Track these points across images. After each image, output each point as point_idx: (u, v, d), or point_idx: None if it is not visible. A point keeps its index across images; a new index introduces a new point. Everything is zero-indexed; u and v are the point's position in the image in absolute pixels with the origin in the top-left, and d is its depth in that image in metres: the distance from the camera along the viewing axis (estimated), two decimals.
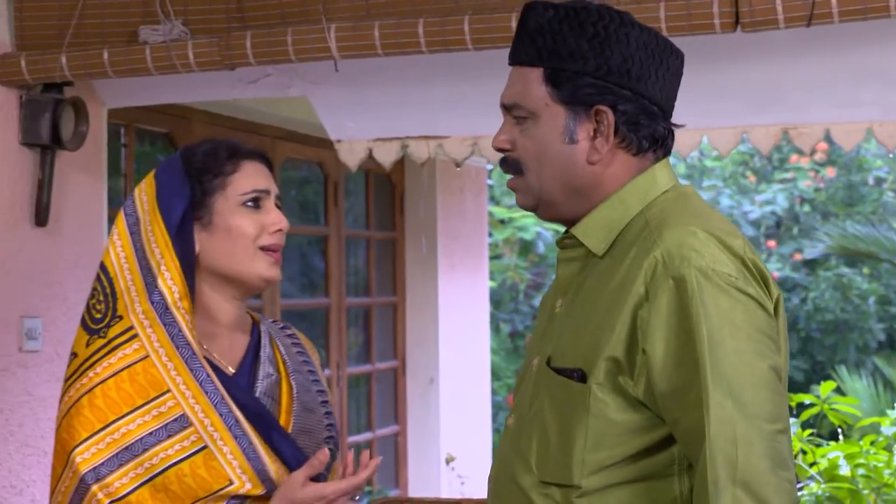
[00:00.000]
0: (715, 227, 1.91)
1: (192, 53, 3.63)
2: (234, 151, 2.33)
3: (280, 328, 2.47)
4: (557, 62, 1.95)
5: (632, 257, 1.90)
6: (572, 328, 1.95)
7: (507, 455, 1.99)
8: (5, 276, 3.89)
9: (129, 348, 2.21)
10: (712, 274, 1.84)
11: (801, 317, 12.71)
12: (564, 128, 1.96)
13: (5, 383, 3.88)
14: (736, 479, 1.78)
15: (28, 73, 3.83)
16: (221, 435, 2.18)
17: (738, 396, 1.81)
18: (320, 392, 2.40)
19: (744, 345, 1.83)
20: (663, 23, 3.20)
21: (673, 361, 1.84)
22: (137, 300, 2.22)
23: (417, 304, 6.73)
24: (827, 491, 4.38)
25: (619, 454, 1.87)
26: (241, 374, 2.30)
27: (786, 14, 3.12)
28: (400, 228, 6.74)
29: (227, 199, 2.29)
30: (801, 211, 13.17)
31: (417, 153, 4.76)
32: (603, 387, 1.87)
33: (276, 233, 2.31)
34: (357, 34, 3.47)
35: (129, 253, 2.27)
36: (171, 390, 2.19)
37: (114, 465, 2.17)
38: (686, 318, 1.83)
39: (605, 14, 1.97)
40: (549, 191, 1.98)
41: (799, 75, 3.95)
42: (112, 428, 2.18)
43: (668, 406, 1.85)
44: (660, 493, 1.88)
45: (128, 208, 2.31)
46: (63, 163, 4.08)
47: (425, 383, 6.71)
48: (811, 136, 4.43)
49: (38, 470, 4.00)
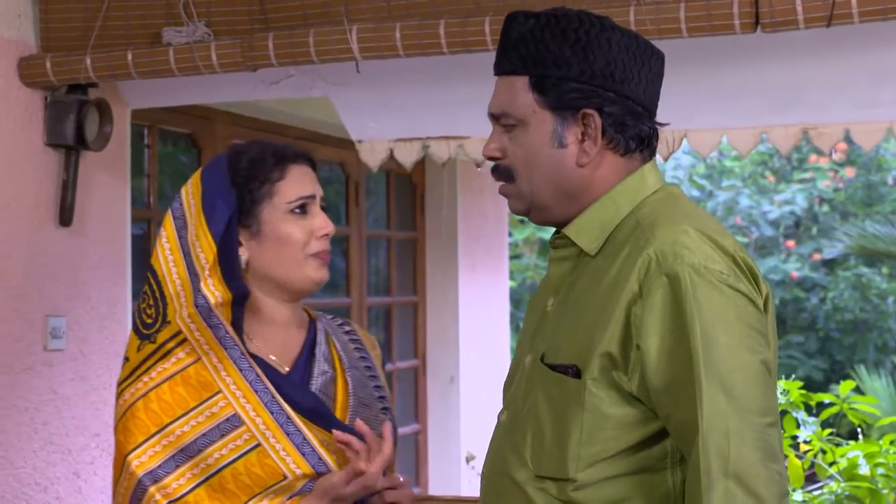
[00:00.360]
0: (706, 226, 1.95)
1: (214, 55, 3.64)
2: (281, 157, 2.33)
3: (338, 325, 2.48)
4: (542, 69, 2.00)
5: (624, 256, 1.95)
6: (566, 326, 1.99)
7: (500, 450, 2.03)
8: (30, 275, 3.91)
9: (181, 352, 2.24)
10: (705, 271, 1.89)
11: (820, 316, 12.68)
12: (553, 133, 2.01)
13: (30, 382, 3.90)
14: (728, 471, 1.82)
15: (53, 75, 3.85)
16: (273, 433, 2.20)
17: (731, 390, 1.85)
18: (377, 388, 2.42)
19: (736, 340, 1.88)
20: (683, 23, 3.20)
21: (667, 356, 1.88)
22: (185, 304, 2.25)
23: (438, 303, 6.74)
24: (846, 490, 4.36)
25: (613, 448, 1.92)
26: (295, 372, 2.32)
27: (806, 14, 3.12)
28: (421, 228, 6.75)
29: (274, 209, 2.30)
30: (821, 211, 13.14)
31: (438, 153, 4.76)
32: (597, 382, 1.92)
33: (323, 238, 2.33)
34: (379, 35, 3.48)
35: (177, 257, 2.28)
36: (222, 391, 2.22)
37: (170, 467, 2.20)
38: (680, 314, 1.87)
39: (586, 20, 2.01)
40: (540, 195, 2.03)
41: (819, 75, 3.94)
42: (167, 430, 2.21)
43: (662, 400, 1.89)
44: (653, 486, 1.93)
45: (175, 211, 2.32)
46: (87, 163, 4.10)
47: (446, 382, 6.71)
48: (831, 137, 4.41)
49: (62, 467, 4.02)
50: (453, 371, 6.70)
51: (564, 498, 1.93)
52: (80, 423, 4.09)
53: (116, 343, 4.23)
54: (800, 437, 4.57)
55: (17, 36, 3.88)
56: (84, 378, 4.11)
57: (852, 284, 12.51)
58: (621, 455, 1.92)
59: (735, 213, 13.15)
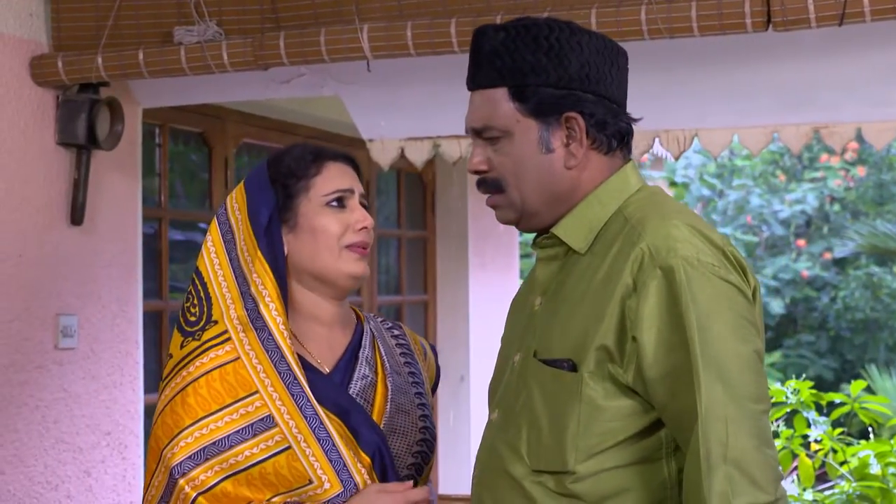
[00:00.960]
0: (694, 221, 2.01)
1: (226, 54, 3.64)
2: (318, 154, 2.37)
3: (388, 327, 2.50)
4: (520, 79, 2.04)
5: (615, 252, 1.99)
6: (558, 322, 2.03)
7: (495, 448, 2.06)
8: (41, 274, 3.91)
9: (221, 350, 2.26)
10: (698, 264, 1.94)
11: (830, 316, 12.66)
12: (539, 139, 2.05)
13: (41, 380, 3.91)
14: (727, 457, 1.87)
15: (65, 74, 3.85)
16: (305, 437, 2.22)
17: (727, 379, 1.90)
18: (418, 395, 2.42)
19: (729, 330, 1.93)
20: (694, 22, 3.19)
21: (663, 347, 1.92)
22: (233, 307, 2.28)
23: (448, 302, 6.74)
24: (858, 490, 4.36)
25: (610, 440, 1.96)
26: (336, 373, 2.33)
27: (817, 13, 3.11)
28: (431, 227, 6.75)
29: (310, 201, 2.33)
30: (831, 210, 13.12)
31: (449, 152, 4.76)
32: (594, 375, 1.96)
33: (362, 230, 2.34)
34: (390, 34, 3.47)
35: (223, 260, 2.32)
36: (259, 391, 2.23)
37: (199, 459, 2.22)
38: (675, 304, 1.92)
39: (555, 26, 2.06)
40: (531, 202, 2.07)
41: (830, 74, 3.93)
42: (201, 424, 2.23)
43: (658, 390, 1.93)
44: (650, 476, 1.97)
45: (221, 217, 2.36)
46: (98, 162, 4.11)
47: (456, 382, 6.71)
48: (842, 136, 4.41)
49: (73, 466, 4.03)
50: (463, 370, 6.70)
51: (563, 491, 1.97)
52: (91, 421, 4.10)
53: (127, 342, 4.24)
54: (811, 437, 4.56)
55: (29, 35, 3.89)
56: (95, 377, 4.12)
57: (863, 283, 12.49)
58: (618, 446, 1.96)
59: (746, 212, 13.13)
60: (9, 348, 3.79)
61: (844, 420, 4.68)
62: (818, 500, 4.43)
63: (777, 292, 12.73)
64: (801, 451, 4.50)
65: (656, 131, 4.42)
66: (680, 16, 3.21)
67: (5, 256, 3.79)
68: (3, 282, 3.78)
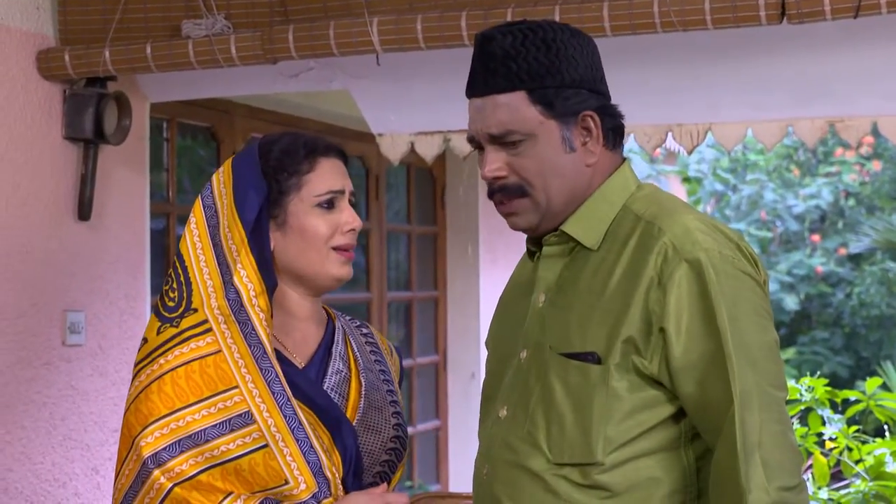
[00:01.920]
0: (705, 217, 2.10)
1: (234, 47, 3.64)
2: (312, 149, 2.35)
3: (356, 326, 2.50)
4: (538, 81, 2.08)
5: (633, 247, 2.06)
6: (576, 317, 2.07)
7: (509, 444, 2.10)
8: (48, 270, 3.92)
9: (202, 341, 2.25)
10: (720, 256, 2.02)
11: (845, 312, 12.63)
12: (562, 139, 2.10)
13: (49, 377, 3.92)
14: (761, 443, 1.96)
15: (72, 68, 3.86)
16: (283, 436, 2.21)
17: (756, 367, 2.00)
18: (390, 392, 2.42)
19: (753, 320, 2.02)
20: (708, 15, 3.19)
21: (693, 337, 1.99)
22: (214, 296, 2.26)
23: (459, 298, 6.74)
24: (874, 489, 4.35)
25: (635, 430, 2.03)
26: (311, 368, 2.33)
27: (832, 5, 3.10)
28: (441, 223, 6.75)
29: (301, 200, 2.32)
30: (846, 205, 13.08)
31: (460, 147, 4.75)
32: (619, 367, 2.02)
33: (349, 232, 2.33)
34: (399, 27, 3.47)
35: (205, 244, 2.30)
36: (239, 386, 2.22)
37: (175, 451, 2.21)
38: (704, 295, 2.00)
39: (557, 28, 2.12)
40: (555, 203, 2.11)
41: (846, 67, 3.92)
42: (177, 415, 2.22)
43: (684, 380, 2.00)
44: (670, 464, 2.04)
45: (206, 198, 2.34)
46: (106, 157, 4.11)
47: (466, 378, 6.71)
48: (858, 129, 4.39)
49: (80, 463, 4.04)
50: (474, 367, 6.70)
51: (589, 482, 2.02)
52: (99, 418, 4.11)
53: (135, 338, 4.24)
54: (825, 435, 4.55)
55: (36, 29, 3.89)
56: (103, 373, 4.13)
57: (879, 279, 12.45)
58: (642, 436, 2.03)
59: (759, 208, 13.11)
60: (16, 345, 3.80)
61: (860, 418, 4.68)
62: (833, 499, 4.42)
63: (791, 288, 12.70)
64: (815, 449, 4.49)
65: (669, 125, 4.41)
66: (693, 8, 3.20)
67: (12, 252, 3.79)
68: (10, 278, 3.78)
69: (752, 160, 13.36)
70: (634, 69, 3.74)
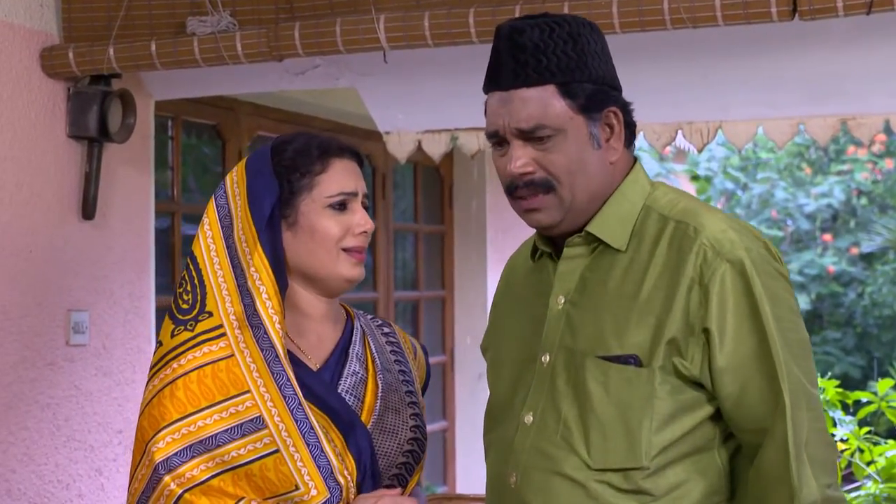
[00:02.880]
0: (730, 216, 2.12)
1: (240, 45, 3.64)
2: (325, 150, 2.34)
3: (377, 325, 2.48)
4: (568, 75, 2.07)
5: (665, 248, 2.05)
6: (610, 319, 2.06)
7: (541, 450, 2.07)
8: (52, 269, 3.92)
9: (215, 345, 2.25)
10: (757, 256, 2.04)
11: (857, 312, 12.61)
12: (589, 135, 2.09)
13: (52, 377, 3.92)
14: (808, 441, 2.00)
15: (76, 66, 3.86)
16: (294, 441, 2.21)
17: (799, 365, 2.03)
18: (409, 393, 2.41)
19: (792, 318, 2.06)
20: (719, 11, 3.18)
21: (737, 337, 2.01)
22: (229, 300, 2.26)
23: (466, 298, 6.73)
24: (885, 492, 4.34)
25: (678, 432, 2.03)
26: (325, 370, 2.33)
27: (845, 1, 3.10)
28: (449, 222, 6.75)
29: (313, 201, 2.31)
30: (859, 203, 13.06)
31: (467, 145, 4.75)
32: (664, 369, 2.02)
33: (361, 235, 2.33)
34: (407, 24, 3.47)
35: (219, 247, 2.30)
36: (252, 391, 2.22)
37: (186, 456, 2.22)
38: (749, 295, 2.01)
39: (580, 22, 2.12)
40: (579, 200, 2.10)
41: (858, 65, 3.91)
42: (189, 420, 2.22)
43: (726, 381, 2.02)
44: (707, 466, 2.05)
45: (220, 199, 2.33)
46: (110, 155, 4.12)
47: (474, 379, 6.71)
48: (870, 127, 4.39)
49: (84, 465, 4.04)
50: (481, 368, 6.65)
51: (633, 487, 2.02)
52: (103, 419, 4.11)
53: (139, 338, 4.25)
54: (837, 436, 4.54)
55: (40, 26, 3.89)
56: (107, 374, 4.13)
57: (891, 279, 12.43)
58: (681, 439, 2.04)
59: (770, 206, 13.09)
60: (19, 345, 3.80)
61: (871, 419, 4.67)
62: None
63: (803, 288, 12.68)
64: None
65: (679, 123, 4.41)
66: (703, 4, 3.20)
67: (16, 251, 3.80)
68: (14, 277, 3.79)
69: (763, 158, 13.35)
70: (644, 66, 3.73)
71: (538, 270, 2.21)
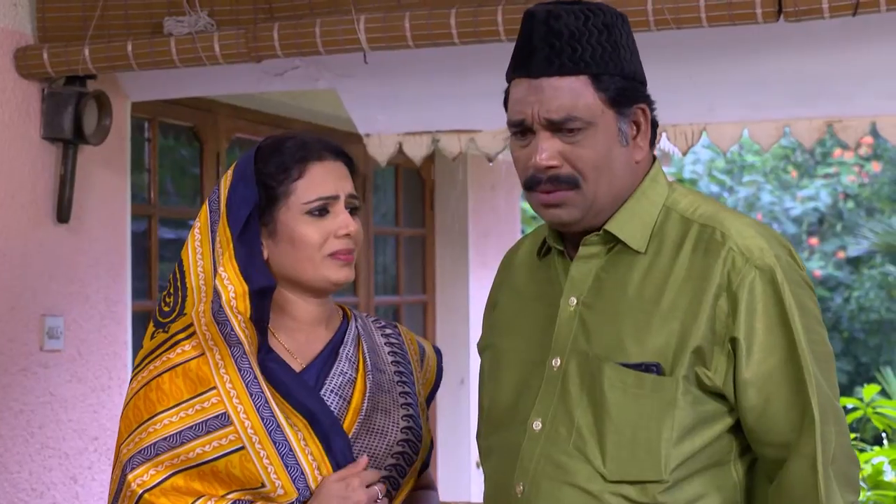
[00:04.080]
0: (754, 220, 2.07)
1: (217, 45, 3.64)
2: (304, 155, 2.30)
3: (380, 326, 2.47)
4: (602, 67, 2.01)
5: (689, 252, 2.00)
6: (629, 324, 2.00)
7: (551, 459, 2.01)
8: (26, 273, 3.91)
9: (187, 345, 2.26)
10: (786, 264, 2.00)
11: (844, 317, 12.65)
12: (618, 131, 2.03)
13: (26, 383, 3.91)
14: (836, 456, 1.96)
15: (50, 66, 3.85)
16: (260, 438, 2.21)
17: (827, 378, 1.99)
18: (404, 394, 2.39)
19: (818, 330, 2.02)
20: (703, 12, 3.19)
21: (766, 347, 1.96)
22: (205, 300, 2.26)
23: (448, 302, 6.74)
24: (872, 499, 4.36)
25: (698, 445, 1.98)
26: (311, 369, 2.32)
27: (831, 3, 3.11)
28: (430, 225, 6.75)
29: (289, 209, 2.29)
30: (845, 207, 13.11)
31: (449, 147, 4.76)
32: (687, 379, 1.97)
33: (344, 237, 2.30)
34: (387, 25, 3.47)
35: (206, 250, 2.30)
36: (217, 387, 2.23)
37: (149, 454, 2.23)
38: (779, 304, 1.96)
39: (611, 12, 2.06)
40: (601, 198, 2.03)
41: (844, 67, 3.93)
42: (156, 419, 2.23)
43: (750, 392, 1.96)
44: (723, 480, 2.01)
45: (212, 203, 2.33)
46: (85, 158, 4.11)
47: (456, 385, 6.71)
48: (856, 130, 4.41)
49: (59, 472, 4.03)
50: (463, 373, 6.70)
51: (650, 500, 1.96)
52: (78, 426, 4.10)
53: (116, 343, 4.24)
54: None
55: (14, 25, 3.88)
56: (82, 380, 4.11)
57: (878, 283, 12.48)
58: (700, 452, 1.98)
59: (756, 210, 13.13)
60: None
61: (858, 425, 4.69)
62: None
63: None
64: None
65: (663, 126, 4.38)
66: (688, 5, 3.20)
67: None
68: None
69: (748, 161, 13.39)
70: None
71: (545, 268, 2.15)
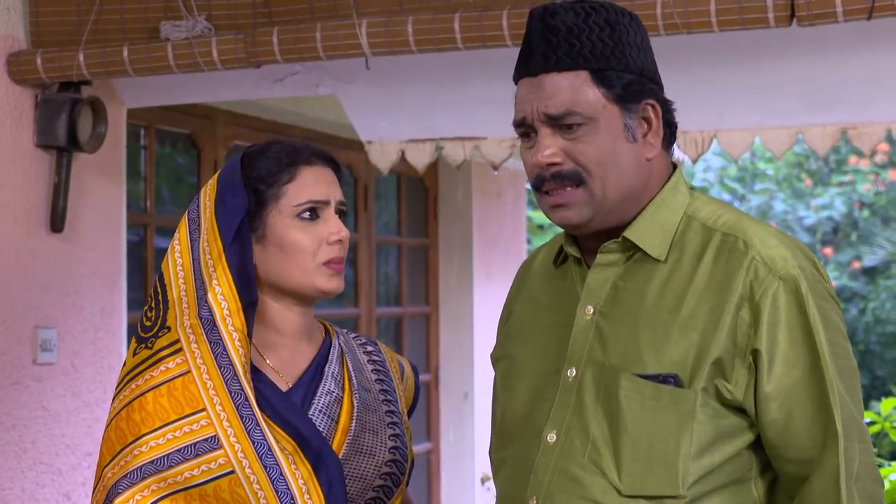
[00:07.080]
0: (779, 230, 2.06)
1: (216, 50, 3.65)
2: (294, 158, 2.32)
3: (360, 343, 2.47)
4: (604, 62, 2.02)
5: (710, 261, 2.00)
6: (647, 334, 2.00)
7: (566, 471, 2.01)
8: (19, 284, 3.92)
9: (171, 362, 2.24)
10: (810, 276, 1.99)
11: (859, 329, 12.64)
12: (624, 126, 2.03)
13: (18, 397, 3.91)
14: (858, 475, 1.96)
15: (44, 72, 3.86)
16: (251, 463, 2.20)
17: (852, 394, 1.99)
18: (390, 413, 2.39)
19: (843, 344, 2.01)
20: (714, 17, 3.20)
21: (789, 360, 1.96)
22: (188, 312, 2.25)
23: (452, 314, 6.74)
24: None
25: (717, 460, 1.97)
26: (297, 389, 2.31)
27: (844, 7, 3.11)
28: (433, 235, 6.75)
29: (279, 212, 2.29)
30: (860, 216, 13.10)
31: (452, 155, 4.77)
32: (706, 391, 1.96)
33: (336, 244, 2.30)
34: (389, 30, 3.48)
35: (185, 261, 2.29)
36: (207, 409, 2.21)
37: (135, 478, 2.20)
38: (803, 315, 1.96)
39: (618, 10, 2.06)
40: (611, 196, 2.03)
41: (858, 72, 3.93)
42: (141, 441, 2.22)
43: (772, 406, 1.96)
44: (743, 498, 1.99)
45: (192, 213, 2.33)
46: (80, 166, 4.11)
47: (459, 398, 6.71)
48: (871, 137, 4.41)
49: (52, 489, 4.03)
50: (467, 387, 6.70)
51: None
52: (72, 441, 4.10)
53: (110, 356, 4.24)
54: None
55: (6, 30, 3.89)
56: (76, 393, 4.12)
57: (894, 294, 12.47)
58: (719, 468, 1.97)
59: (769, 219, 13.13)
60: None
61: (874, 440, 4.67)
62: None
63: None
64: None
65: None
66: (698, 10, 3.21)
67: None
68: None
69: (760, 169, 13.39)
70: None
71: (561, 276, 2.15)
